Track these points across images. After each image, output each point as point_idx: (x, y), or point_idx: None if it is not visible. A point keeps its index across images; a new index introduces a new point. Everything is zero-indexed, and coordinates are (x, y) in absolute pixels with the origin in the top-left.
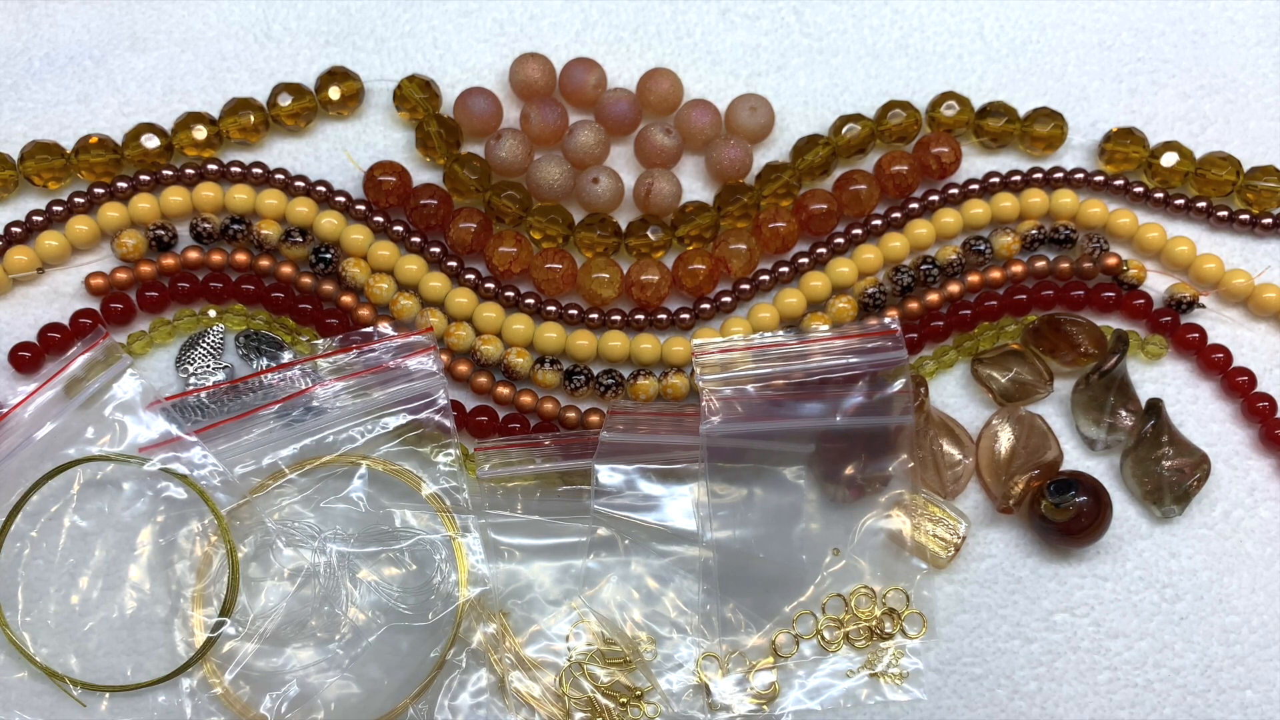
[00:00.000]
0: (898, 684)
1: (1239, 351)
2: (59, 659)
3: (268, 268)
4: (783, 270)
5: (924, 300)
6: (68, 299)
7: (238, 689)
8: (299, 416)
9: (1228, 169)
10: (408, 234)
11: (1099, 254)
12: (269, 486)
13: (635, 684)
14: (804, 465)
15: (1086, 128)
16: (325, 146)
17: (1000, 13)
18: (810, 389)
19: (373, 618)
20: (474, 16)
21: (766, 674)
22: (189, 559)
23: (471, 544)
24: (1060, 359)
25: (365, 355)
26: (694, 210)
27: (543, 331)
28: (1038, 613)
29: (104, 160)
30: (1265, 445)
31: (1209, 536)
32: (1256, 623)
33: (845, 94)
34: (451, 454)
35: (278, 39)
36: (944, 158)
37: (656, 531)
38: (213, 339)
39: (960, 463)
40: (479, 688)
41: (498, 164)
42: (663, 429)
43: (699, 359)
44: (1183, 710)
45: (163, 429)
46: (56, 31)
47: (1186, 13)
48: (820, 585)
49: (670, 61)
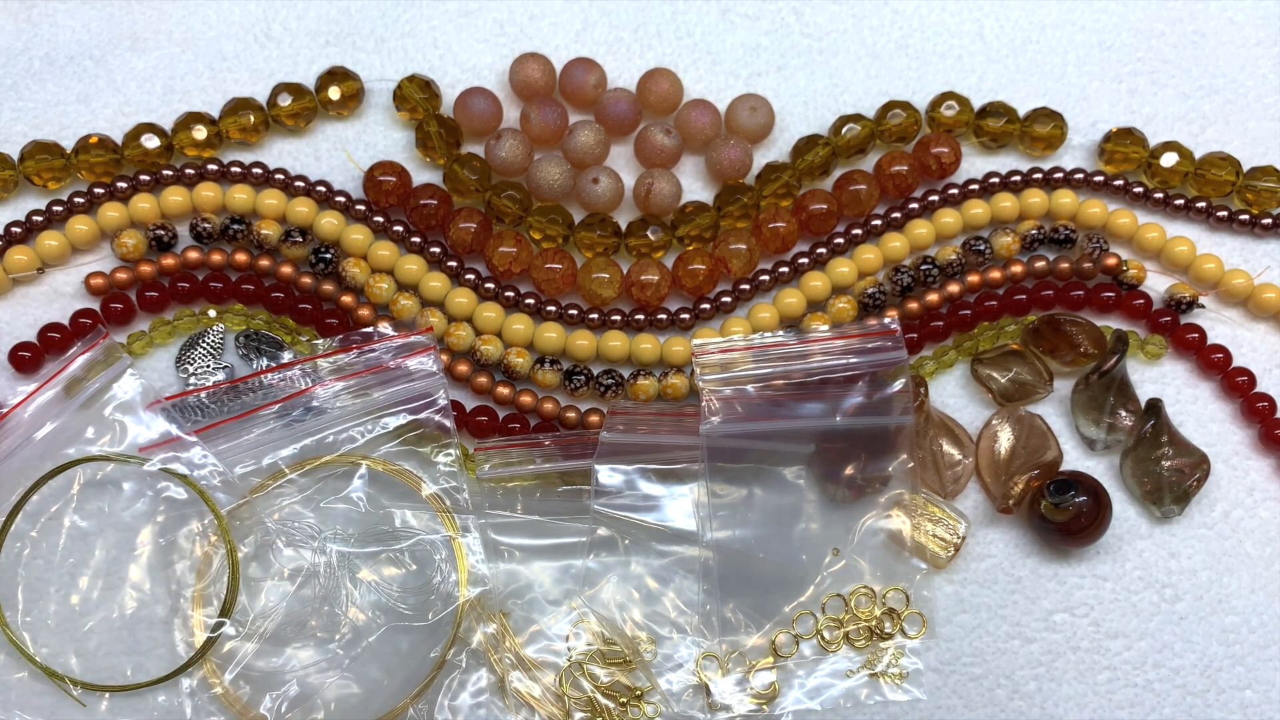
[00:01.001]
0: (897, 684)
1: (1238, 351)
2: (59, 659)
3: (268, 268)
4: (783, 270)
5: (924, 300)
6: (68, 299)
7: (238, 689)
8: (299, 416)
9: (1227, 169)
10: (408, 234)
11: (1099, 254)
12: (269, 486)
13: (635, 684)
14: (804, 465)
15: (1086, 128)
16: (325, 146)
17: (1000, 13)
18: (810, 389)
19: (373, 618)
20: (474, 16)
21: (766, 674)
22: (189, 559)
23: (471, 544)
24: (1060, 359)
25: (365, 355)
26: (694, 210)
27: (543, 331)
28: (1037, 613)
29: (104, 160)
30: (1265, 445)
31: (1208, 536)
32: (1256, 623)
33: (845, 94)
34: (451, 454)
35: (278, 39)
36: (944, 158)
37: (656, 531)
38: (213, 339)
39: (960, 463)
40: (479, 688)
41: (498, 164)
42: (663, 429)
43: (699, 359)
44: (1182, 710)
45: (163, 429)
46: (56, 31)
47: (1186, 13)
48: (820, 585)
49: (670, 61)
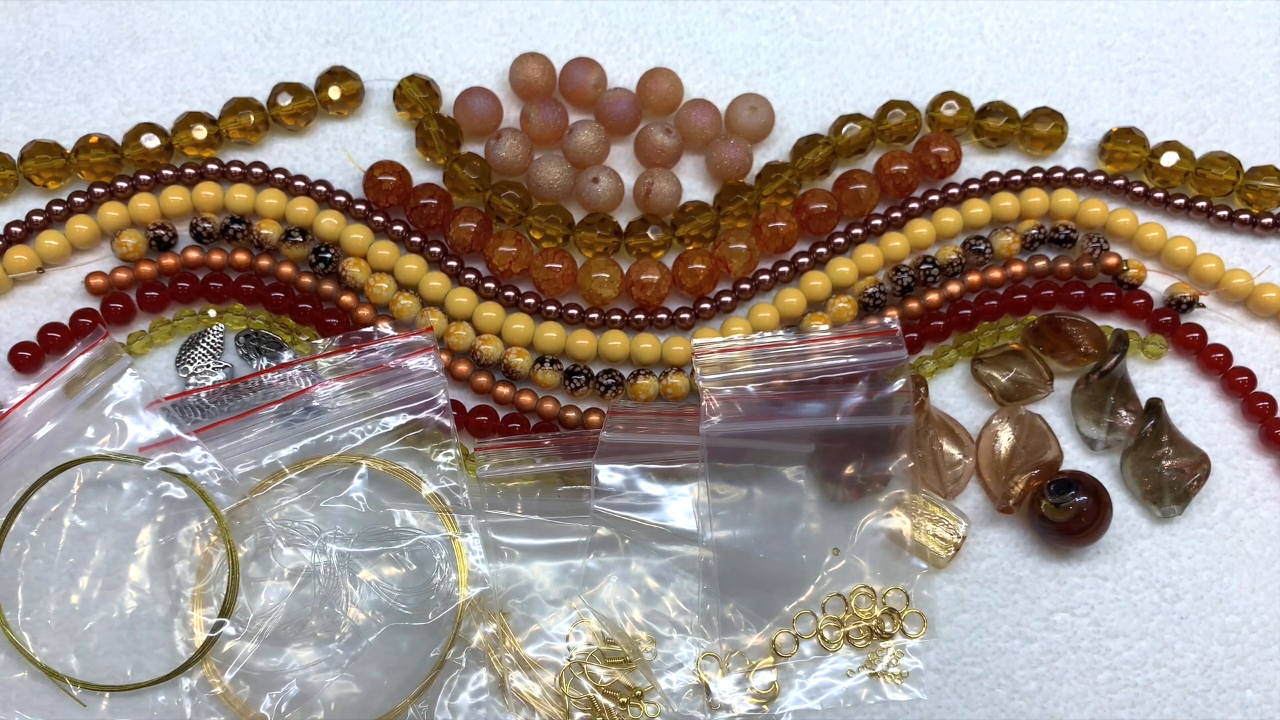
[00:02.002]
0: (898, 684)
1: (1239, 351)
2: (59, 659)
3: (268, 267)
4: (783, 270)
5: (924, 300)
6: (68, 299)
7: (238, 689)
8: (299, 416)
9: (1228, 169)
10: (408, 234)
11: (1099, 254)
12: (269, 486)
13: (635, 684)
14: (804, 465)
15: (1086, 127)
16: (325, 146)
17: (1000, 12)
18: (810, 389)
19: (373, 617)
20: (474, 16)
21: (766, 674)
22: (189, 559)
23: (471, 544)
24: (1060, 359)
25: (365, 355)
26: (694, 210)
27: (543, 331)
28: (1038, 612)
29: (104, 160)
30: (1265, 445)
31: (1209, 536)
32: (1256, 622)
33: (845, 94)
34: (451, 454)
35: (278, 39)
36: (944, 157)
37: (656, 531)
38: (213, 339)
39: (960, 462)
40: (479, 687)
41: (498, 164)
42: (663, 429)
43: (699, 359)
44: (1182, 710)
45: (163, 429)
46: (56, 31)
47: (1186, 13)
48: (820, 585)
49: (670, 61)
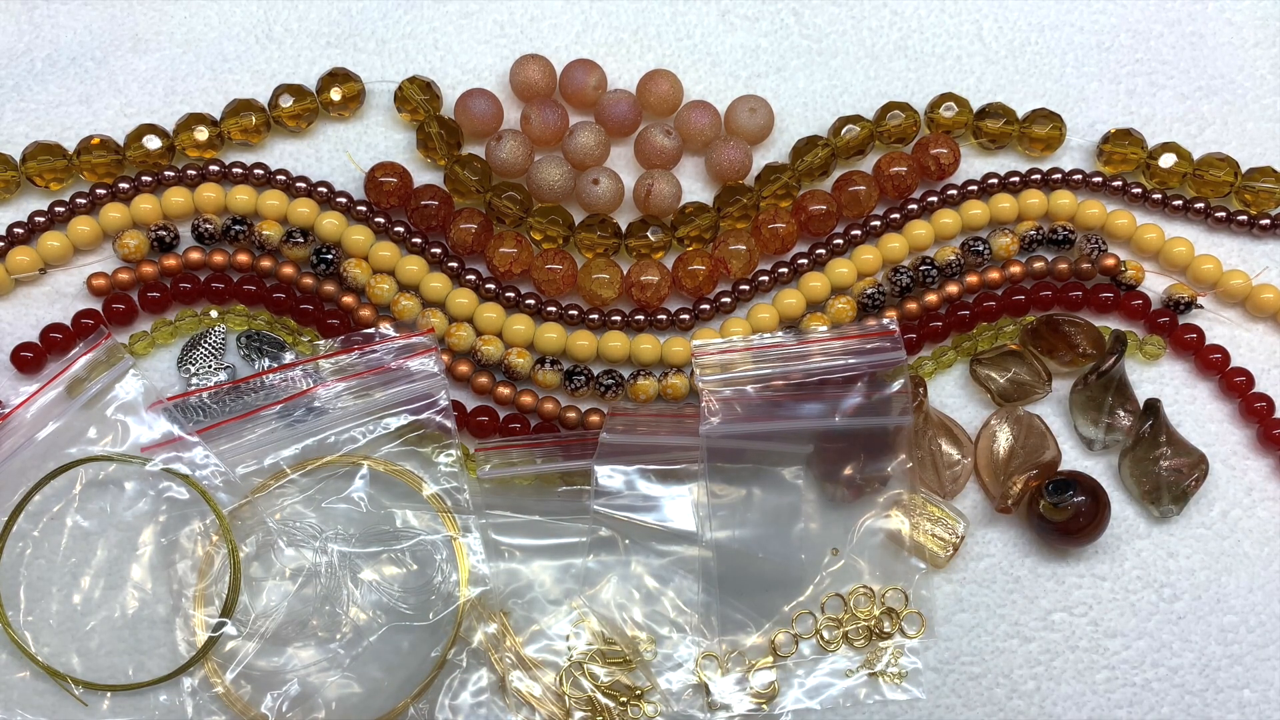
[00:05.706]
0: (896, 683)
1: (1237, 352)
2: (61, 658)
3: (269, 268)
4: (782, 271)
5: (923, 301)
6: (70, 299)
7: (239, 688)
8: (300, 417)
9: (1226, 170)
10: (409, 235)
11: (1097, 255)
12: (270, 486)
13: (635, 684)
14: (803, 465)
15: (1085, 129)
16: (326, 147)
17: (999, 14)
18: (809, 389)
19: (374, 617)
20: (475, 18)
21: (766, 673)
22: (190, 559)
23: (472, 544)
24: (1058, 359)
25: (367, 356)
26: (694, 211)
27: (543, 332)
28: (1036, 612)
29: (106, 161)
30: (1263, 445)
31: (1207, 536)
32: (1254, 622)
33: (844, 95)
34: (452, 454)
35: (279, 40)
36: (943, 159)
37: (656, 531)
38: (214, 339)
39: (959, 463)
40: (479, 687)
41: (498, 165)
42: (663, 430)
43: (699, 359)
44: (1180, 709)
45: (164, 429)
46: (58, 33)
47: (1185, 14)
48: (819, 585)
49: (670, 63)
